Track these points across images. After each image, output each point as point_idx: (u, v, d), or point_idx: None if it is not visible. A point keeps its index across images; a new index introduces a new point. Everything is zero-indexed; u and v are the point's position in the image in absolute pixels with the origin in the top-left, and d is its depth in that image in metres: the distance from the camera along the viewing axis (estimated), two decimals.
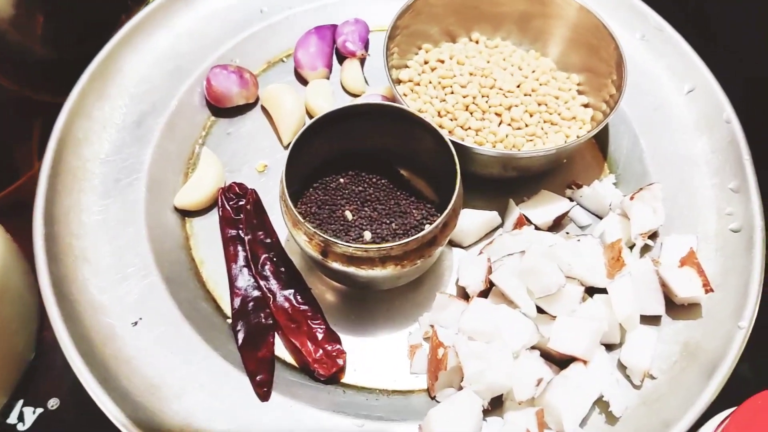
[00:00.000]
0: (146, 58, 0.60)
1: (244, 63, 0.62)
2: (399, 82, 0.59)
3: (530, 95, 0.57)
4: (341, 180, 0.53)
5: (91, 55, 0.59)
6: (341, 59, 0.64)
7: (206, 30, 0.63)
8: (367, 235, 0.50)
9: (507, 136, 0.55)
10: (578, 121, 0.57)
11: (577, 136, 0.56)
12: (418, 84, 0.59)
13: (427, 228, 0.45)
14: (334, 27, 0.64)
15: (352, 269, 0.45)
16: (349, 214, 0.52)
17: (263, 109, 0.61)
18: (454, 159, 0.47)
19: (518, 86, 0.58)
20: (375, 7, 0.66)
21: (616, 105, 0.53)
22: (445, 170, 0.49)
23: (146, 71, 0.60)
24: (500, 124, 0.56)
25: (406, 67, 0.60)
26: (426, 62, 0.60)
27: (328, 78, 0.63)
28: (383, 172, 0.54)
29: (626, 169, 0.55)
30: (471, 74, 0.58)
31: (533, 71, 0.59)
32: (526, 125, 0.56)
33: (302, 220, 0.45)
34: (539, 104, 0.57)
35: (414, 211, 0.52)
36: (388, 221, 0.51)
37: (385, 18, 0.65)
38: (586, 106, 0.59)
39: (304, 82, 0.63)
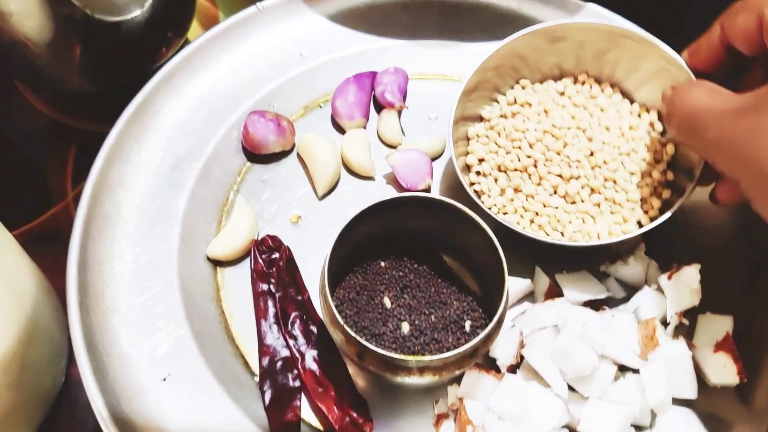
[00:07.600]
0: (184, 101, 0.60)
1: (282, 107, 0.62)
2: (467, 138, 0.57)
3: (600, 167, 0.52)
4: (382, 264, 0.52)
5: (130, 88, 0.59)
6: (378, 107, 0.63)
7: (244, 73, 0.63)
8: (405, 327, 0.49)
9: (557, 207, 0.52)
10: (647, 204, 0.52)
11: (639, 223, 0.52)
12: (492, 128, 0.56)
13: (472, 342, 0.44)
14: (373, 75, 0.63)
15: (387, 375, 0.45)
16: (387, 301, 0.50)
17: (299, 156, 0.61)
18: (502, 267, 0.46)
19: (591, 154, 0.52)
20: (414, 54, 0.65)
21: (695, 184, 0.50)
22: (491, 270, 0.48)
23: (183, 114, 0.60)
24: (554, 194, 0.53)
25: (481, 119, 0.57)
26: (515, 102, 0.56)
27: (365, 127, 0.62)
28: (425, 258, 0.53)
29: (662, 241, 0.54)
30: (545, 132, 0.53)
31: (623, 134, 0.53)
32: (582, 201, 0.52)
33: (342, 323, 0.44)
34: (606, 180, 0.52)
35: (455, 302, 0.51)
36: (427, 312, 0.50)
37: (424, 65, 0.65)
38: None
39: (340, 129, 0.62)
